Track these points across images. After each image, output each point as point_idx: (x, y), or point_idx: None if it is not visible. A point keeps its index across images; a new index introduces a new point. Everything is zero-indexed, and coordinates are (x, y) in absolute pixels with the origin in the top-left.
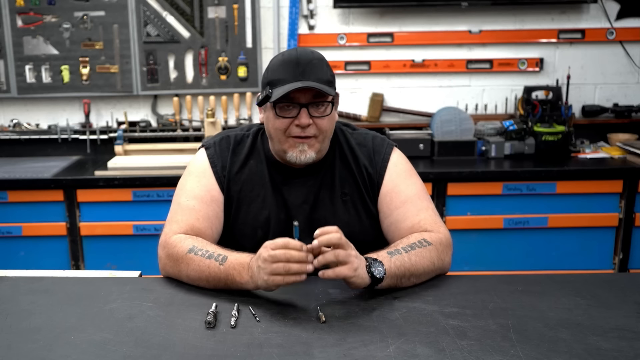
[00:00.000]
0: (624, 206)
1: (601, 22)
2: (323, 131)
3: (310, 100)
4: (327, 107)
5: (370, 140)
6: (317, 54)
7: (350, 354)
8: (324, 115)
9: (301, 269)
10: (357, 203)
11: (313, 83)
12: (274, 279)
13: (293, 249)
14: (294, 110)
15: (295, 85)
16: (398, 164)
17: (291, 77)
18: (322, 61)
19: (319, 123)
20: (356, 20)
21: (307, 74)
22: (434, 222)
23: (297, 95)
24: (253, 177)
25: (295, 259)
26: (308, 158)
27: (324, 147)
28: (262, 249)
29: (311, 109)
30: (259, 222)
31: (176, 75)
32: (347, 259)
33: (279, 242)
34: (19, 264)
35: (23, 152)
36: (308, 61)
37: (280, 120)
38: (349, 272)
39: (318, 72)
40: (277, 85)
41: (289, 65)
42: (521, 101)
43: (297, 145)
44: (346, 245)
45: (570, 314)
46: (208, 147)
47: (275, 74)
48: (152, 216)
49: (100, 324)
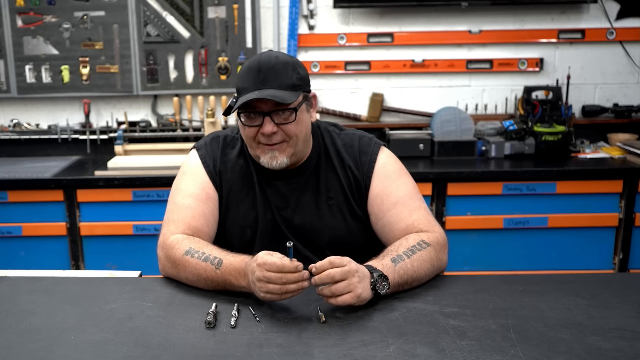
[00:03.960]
0: (624, 206)
1: (601, 22)
2: (292, 136)
3: (272, 109)
4: (291, 113)
5: (357, 141)
6: (283, 58)
7: (350, 354)
8: (288, 121)
9: (298, 288)
10: (342, 207)
11: (270, 92)
12: (271, 297)
13: (288, 272)
14: (259, 119)
15: (252, 95)
16: (387, 164)
17: (252, 85)
18: (286, 65)
19: (285, 129)
20: (356, 20)
21: (268, 81)
22: (428, 221)
23: (258, 104)
24: (242, 176)
25: (292, 281)
26: (280, 163)
27: (299, 150)
28: (256, 266)
29: (275, 116)
30: (248, 222)
31: (176, 75)
32: (348, 288)
33: (273, 265)
34: (19, 264)
35: (23, 152)
36: (270, 67)
37: (248, 129)
38: (352, 300)
39: (281, 78)
40: (241, 93)
41: (251, 72)
42: (521, 101)
43: (267, 152)
44: (347, 274)
45: (570, 314)
46: (199, 148)
47: (240, 81)
48: (152, 216)
49: (100, 324)
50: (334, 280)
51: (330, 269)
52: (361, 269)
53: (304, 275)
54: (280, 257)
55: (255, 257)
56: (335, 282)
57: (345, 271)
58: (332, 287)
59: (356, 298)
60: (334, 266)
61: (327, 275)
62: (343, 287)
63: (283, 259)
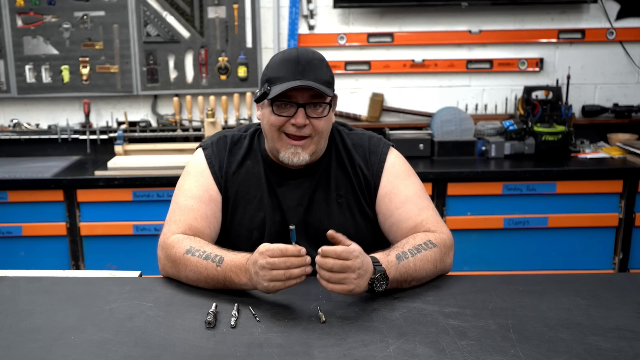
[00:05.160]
0: (624, 206)
1: (601, 22)
2: (319, 132)
3: (308, 100)
4: (325, 108)
5: (367, 141)
6: (318, 55)
7: (350, 354)
8: (322, 116)
9: (301, 273)
10: (352, 205)
11: (312, 83)
12: (275, 284)
13: (292, 255)
14: (291, 109)
15: (294, 83)
16: (395, 164)
17: (290, 75)
18: (322, 62)
19: (316, 124)
20: (356, 20)
21: (306, 73)
22: (436, 222)
23: (295, 94)
24: (250, 177)
25: (295, 265)
26: (301, 160)
27: (319, 148)
28: (258, 255)
29: (308, 109)
30: (255, 223)
31: (176, 75)
32: (342, 281)
33: (276, 249)
34: (19, 264)
35: (23, 152)
36: (308, 61)
37: (276, 117)
38: (342, 292)
39: (317, 73)
40: (275, 82)
41: (289, 63)
42: (521, 101)
43: (289, 147)
44: (347, 269)
45: (570, 314)
46: (205, 148)
47: (274, 71)
48: (152, 216)
49: (100, 324)
50: (330, 270)
51: (334, 258)
52: (365, 266)
53: (307, 259)
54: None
55: (257, 248)
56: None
57: (346, 266)
58: (329, 274)
59: (346, 292)
60: (339, 257)
61: (325, 263)
62: (338, 279)
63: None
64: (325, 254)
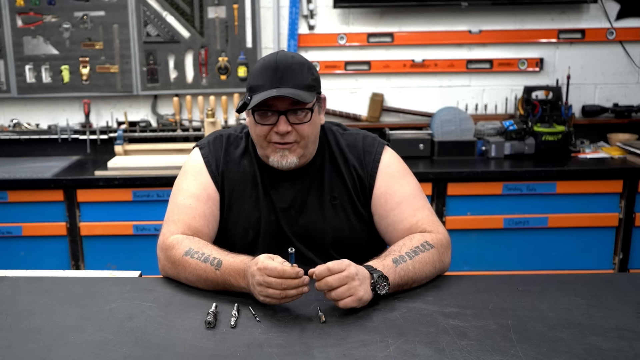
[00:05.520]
0: (624, 206)
1: (601, 22)
2: (304, 137)
3: (288, 107)
4: (307, 113)
5: (361, 141)
6: (299, 58)
7: (350, 354)
8: (304, 122)
9: (298, 294)
10: (346, 206)
11: (290, 91)
12: (270, 300)
13: (289, 278)
14: (273, 117)
15: (271, 92)
16: (390, 164)
17: (269, 83)
18: (302, 65)
19: (299, 129)
20: (356, 20)
21: (285, 80)
22: (432, 222)
23: (274, 102)
24: (246, 177)
25: (292, 287)
26: (290, 163)
27: (308, 151)
28: (256, 270)
29: (290, 115)
30: (250, 223)
31: (176, 75)
32: (349, 292)
33: (274, 270)
34: (19, 264)
35: (23, 152)
36: (287, 66)
37: (260, 127)
38: (354, 303)
39: (297, 78)
40: (256, 91)
41: (268, 70)
42: (521, 101)
43: (278, 151)
44: (347, 279)
45: (570, 314)
46: (202, 147)
47: (255, 79)
48: (152, 216)
49: (100, 324)
50: (332, 288)
51: (328, 276)
52: (361, 271)
53: (305, 280)
54: (281, 261)
55: (256, 260)
56: (335, 288)
57: (344, 276)
58: (333, 292)
59: (358, 301)
60: (332, 272)
61: (324, 284)
62: (344, 292)
63: (284, 264)
64: (319, 276)
